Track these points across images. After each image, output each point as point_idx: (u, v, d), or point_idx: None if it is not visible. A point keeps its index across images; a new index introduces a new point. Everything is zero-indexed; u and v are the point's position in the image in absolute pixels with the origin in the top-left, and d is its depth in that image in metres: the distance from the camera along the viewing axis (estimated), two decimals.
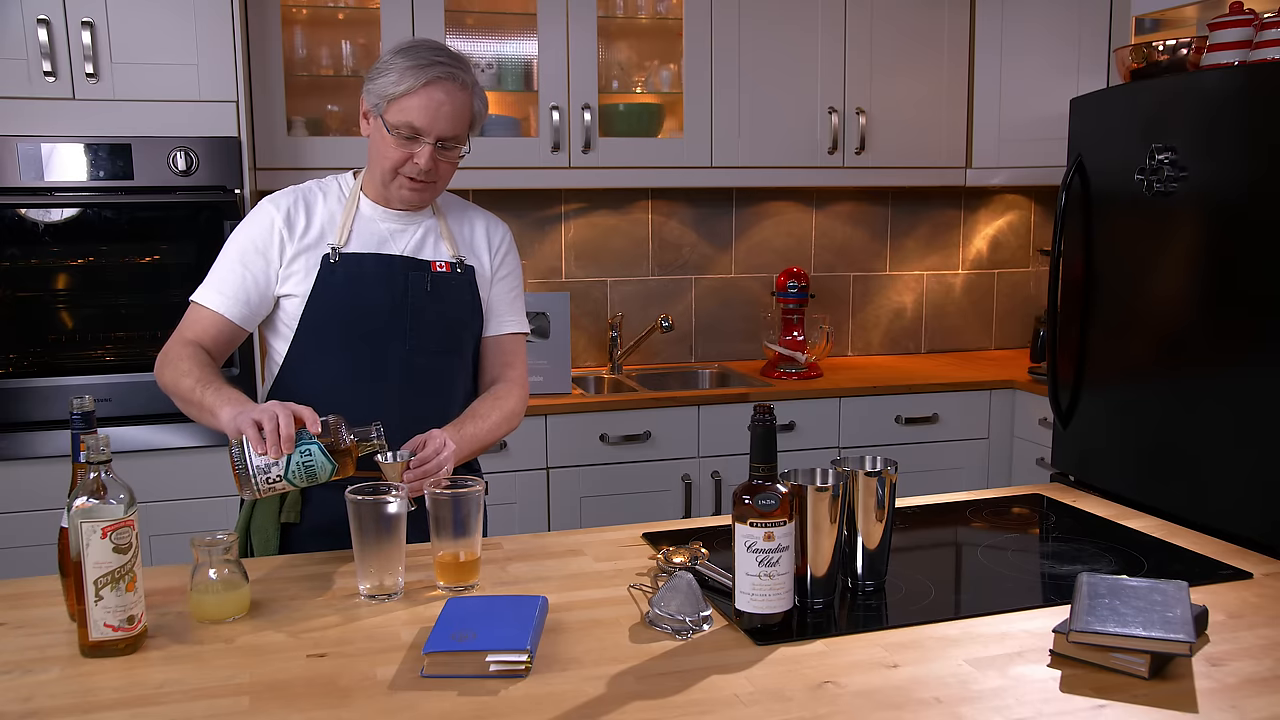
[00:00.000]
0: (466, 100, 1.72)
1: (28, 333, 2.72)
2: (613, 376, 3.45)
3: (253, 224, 1.77)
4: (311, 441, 1.46)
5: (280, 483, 1.46)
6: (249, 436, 1.44)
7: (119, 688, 1.20)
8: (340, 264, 1.75)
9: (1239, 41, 2.44)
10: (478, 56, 3.22)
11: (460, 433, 1.70)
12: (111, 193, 2.69)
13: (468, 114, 1.73)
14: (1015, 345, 4.03)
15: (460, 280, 1.83)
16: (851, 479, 1.46)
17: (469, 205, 1.93)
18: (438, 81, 1.68)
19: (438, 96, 1.68)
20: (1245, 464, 2.28)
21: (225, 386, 1.60)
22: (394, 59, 1.69)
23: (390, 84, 1.68)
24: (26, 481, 2.66)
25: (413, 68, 1.67)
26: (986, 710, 1.13)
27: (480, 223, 1.91)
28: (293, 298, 1.76)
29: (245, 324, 1.76)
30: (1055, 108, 3.17)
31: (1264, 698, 1.16)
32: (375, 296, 1.75)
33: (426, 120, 1.68)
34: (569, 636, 1.33)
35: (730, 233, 3.70)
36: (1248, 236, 2.27)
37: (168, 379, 1.67)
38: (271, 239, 1.75)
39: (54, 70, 2.61)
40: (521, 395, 1.87)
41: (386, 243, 1.80)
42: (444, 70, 1.68)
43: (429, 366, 1.80)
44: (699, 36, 3.25)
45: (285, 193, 1.80)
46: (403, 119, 1.69)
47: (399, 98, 1.68)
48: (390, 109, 1.69)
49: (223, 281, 1.75)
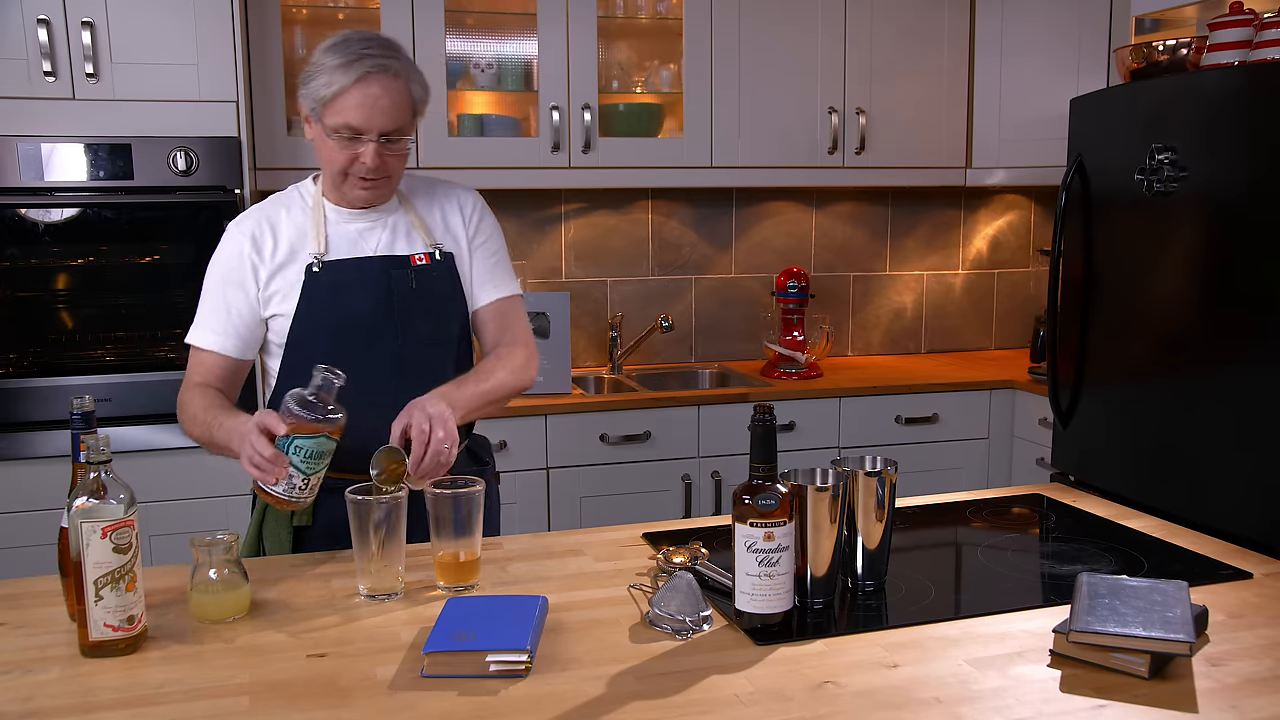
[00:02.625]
0: (403, 90, 1.65)
1: (28, 333, 2.72)
2: (613, 376, 3.45)
3: (223, 255, 1.76)
4: (291, 439, 1.47)
5: (307, 482, 1.49)
6: (254, 476, 1.48)
7: (119, 688, 1.20)
8: (324, 272, 1.73)
9: (1239, 41, 2.43)
10: (478, 56, 3.22)
11: (460, 390, 1.65)
12: (111, 193, 2.69)
13: (407, 103, 1.66)
14: (1015, 345, 4.03)
15: (441, 269, 1.80)
16: (851, 479, 1.46)
17: (435, 183, 1.87)
18: (369, 76, 1.61)
19: (373, 91, 1.61)
20: (1245, 464, 2.28)
21: (229, 420, 1.60)
22: (323, 58, 1.64)
23: (322, 86, 1.62)
24: (26, 481, 2.66)
25: (342, 65, 1.61)
26: (986, 710, 1.13)
27: (450, 200, 1.85)
28: (279, 317, 1.75)
29: (244, 355, 1.77)
30: (1055, 108, 3.17)
31: (1264, 698, 1.16)
32: (361, 300, 1.74)
33: (364, 118, 1.62)
34: (569, 636, 1.33)
35: (730, 233, 3.70)
36: (1248, 236, 2.27)
37: (187, 430, 1.70)
38: (244, 267, 1.73)
39: (54, 70, 2.61)
40: (527, 353, 1.82)
41: (359, 244, 1.77)
42: (374, 63, 1.61)
43: (421, 360, 1.77)
44: (699, 36, 3.24)
45: (248, 215, 1.78)
46: (340, 120, 1.63)
47: (333, 99, 1.62)
48: (326, 112, 1.64)
49: (209, 319, 1.75)
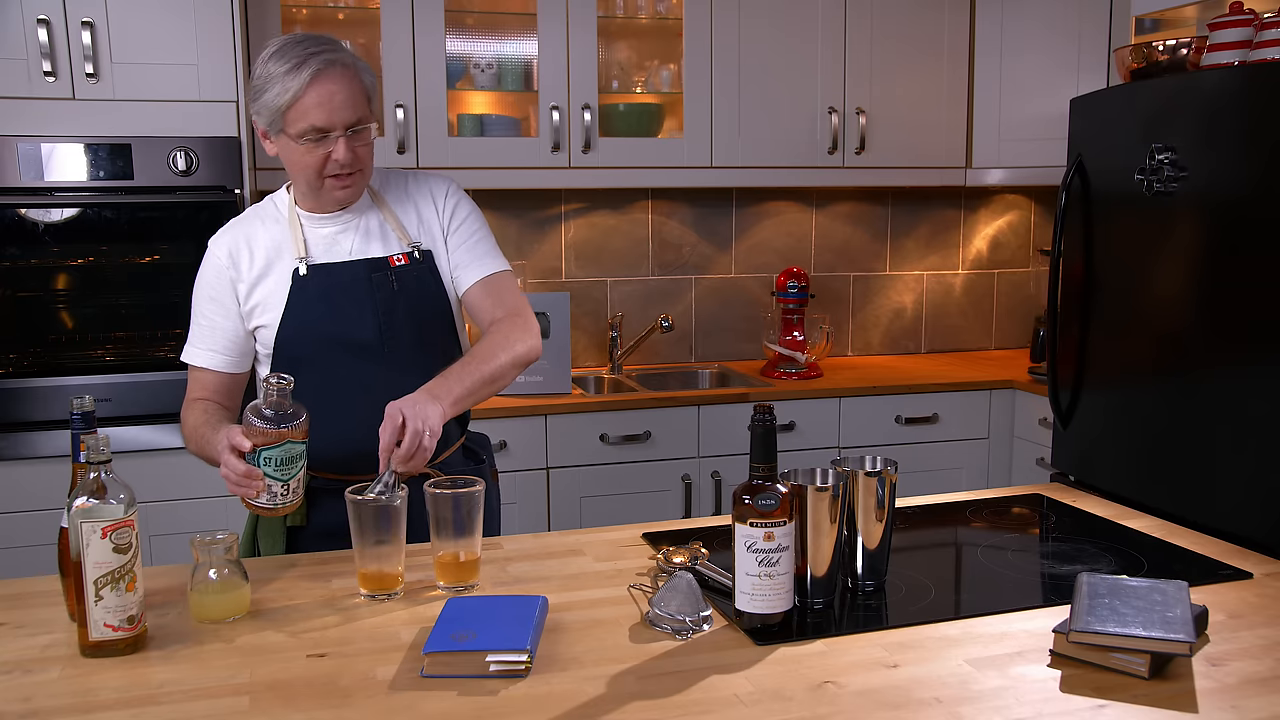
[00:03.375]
0: (354, 79, 1.66)
1: (28, 333, 2.72)
2: (613, 376, 3.45)
3: (204, 274, 1.79)
4: (258, 453, 1.48)
5: (287, 487, 1.51)
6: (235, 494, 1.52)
7: (119, 688, 1.20)
8: (310, 277, 1.73)
9: (1239, 41, 2.43)
10: (478, 56, 3.22)
11: (448, 381, 1.60)
12: (111, 193, 2.69)
13: (362, 92, 1.67)
14: (1015, 345, 4.03)
15: (422, 269, 1.79)
16: (851, 479, 1.46)
17: (405, 176, 1.86)
18: (321, 74, 1.62)
19: (329, 88, 1.62)
20: (1245, 464, 2.28)
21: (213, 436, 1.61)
22: (268, 69, 1.64)
23: (276, 96, 1.63)
24: (26, 481, 2.66)
25: (291, 70, 1.62)
26: (986, 710, 1.13)
27: (423, 193, 1.84)
28: (264, 328, 1.76)
29: (237, 369, 1.79)
30: (1055, 108, 3.17)
31: (1264, 698, 1.16)
32: (345, 303, 1.74)
33: (326, 116, 1.63)
34: (569, 636, 1.33)
35: (730, 233, 3.70)
36: (1248, 236, 2.27)
37: (191, 449, 1.73)
38: (222, 283, 1.76)
39: (54, 70, 2.61)
40: (522, 323, 1.75)
41: (334, 247, 1.77)
42: (322, 59, 1.63)
43: (407, 361, 1.76)
44: (699, 36, 3.25)
45: (225, 231, 1.80)
46: (305, 124, 1.64)
47: (292, 105, 1.63)
48: (288, 119, 1.64)
49: (200, 337, 1.79)
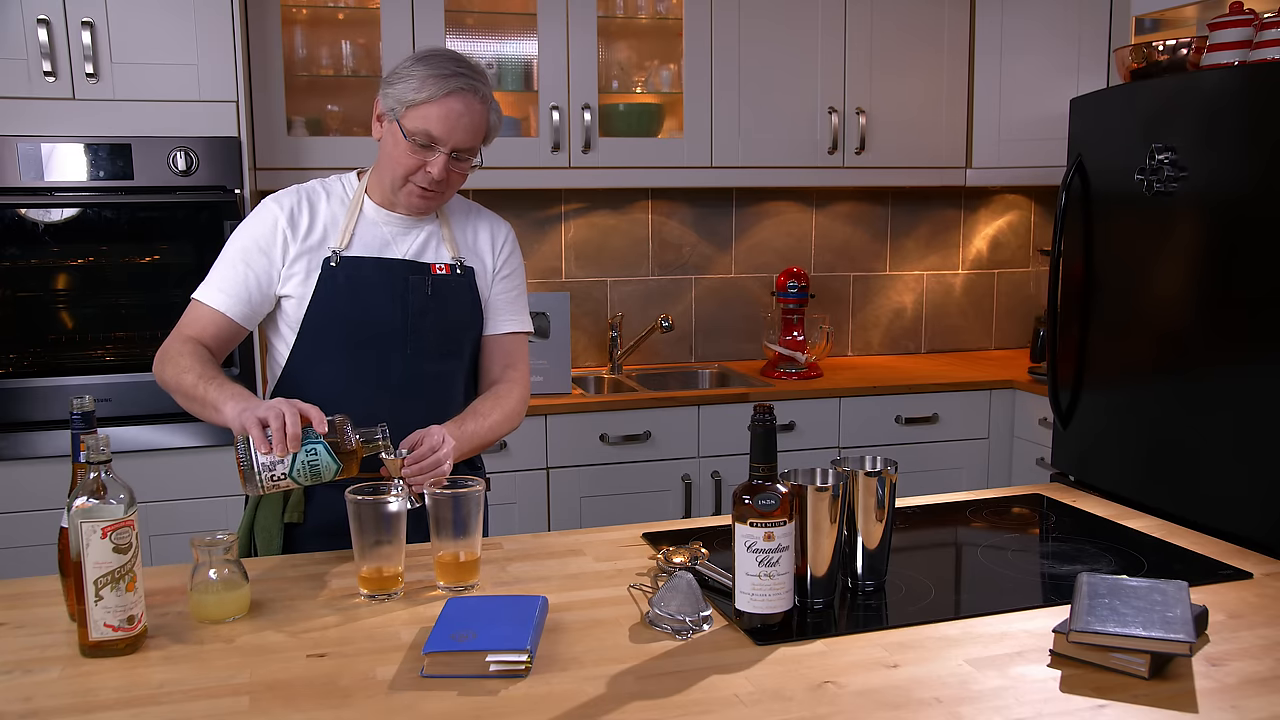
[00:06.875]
0: (483, 113, 1.73)
1: (28, 333, 2.72)
2: (613, 376, 3.45)
3: (256, 222, 1.77)
4: (317, 440, 1.47)
5: (285, 480, 1.47)
6: (253, 435, 1.45)
7: (119, 688, 1.20)
8: (341, 268, 1.75)
9: (1239, 41, 2.43)
10: (478, 56, 3.22)
11: (461, 429, 1.69)
12: (111, 193, 2.69)
13: (484, 126, 1.74)
14: (1015, 345, 4.03)
15: (460, 282, 1.83)
16: (851, 479, 1.46)
17: (472, 206, 1.93)
18: (458, 93, 1.69)
19: (457, 107, 1.69)
20: (1245, 464, 2.28)
21: (228, 382, 1.60)
22: (415, 66, 1.70)
23: (410, 90, 1.68)
24: (26, 481, 2.66)
25: (435, 77, 1.68)
26: (986, 710, 1.13)
27: (484, 224, 1.91)
28: (292, 299, 1.76)
29: (246, 322, 1.76)
30: (1055, 108, 3.17)
31: (1264, 698, 1.16)
32: (375, 301, 1.76)
33: (444, 130, 1.69)
34: (569, 636, 1.33)
35: (730, 233, 3.70)
36: (1248, 236, 2.27)
37: (168, 375, 1.67)
38: (275, 238, 1.75)
39: (54, 70, 2.61)
40: (523, 395, 1.87)
41: (388, 246, 1.80)
42: (465, 82, 1.69)
43: (429, 370, 1.80)
44: (699, 36, 3.25)
45: (288, 192, 1.80)
46: (421, 126, 1.69)
47: (419, 105, 1.68)
48: (408, 115, 1.70)
49: (224, 280, 1.75)
